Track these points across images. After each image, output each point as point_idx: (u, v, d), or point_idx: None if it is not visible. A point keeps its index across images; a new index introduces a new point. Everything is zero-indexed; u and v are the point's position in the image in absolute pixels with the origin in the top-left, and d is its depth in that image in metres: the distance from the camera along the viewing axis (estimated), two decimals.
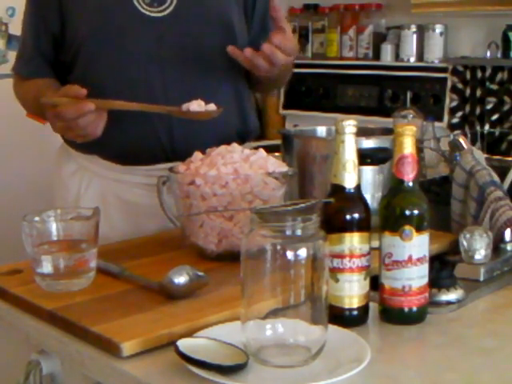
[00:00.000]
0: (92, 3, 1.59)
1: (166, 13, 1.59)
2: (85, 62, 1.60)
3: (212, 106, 1.46)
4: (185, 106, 1.45)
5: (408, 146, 1.07)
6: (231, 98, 1.66)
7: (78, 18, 1.59)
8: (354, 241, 1.07)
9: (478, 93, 3.16)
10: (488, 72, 3.12)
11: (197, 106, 1.45)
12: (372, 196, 1.35)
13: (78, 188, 1.68)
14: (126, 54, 1.58)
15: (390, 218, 1.08)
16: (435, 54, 3.31)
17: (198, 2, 1.64)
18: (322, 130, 1.61)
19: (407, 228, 1.07)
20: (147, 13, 1.58)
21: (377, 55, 3.52)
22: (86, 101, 1.39)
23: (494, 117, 3.11)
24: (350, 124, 1.07)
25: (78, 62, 1.61)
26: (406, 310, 1.09)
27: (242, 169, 1.30)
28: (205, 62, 1.63)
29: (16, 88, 1.73)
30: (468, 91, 3.19)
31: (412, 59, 3.39)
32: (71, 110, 1.39)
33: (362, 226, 1.08)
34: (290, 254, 0.94)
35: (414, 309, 1.09)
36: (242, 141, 1.67)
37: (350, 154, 1.07)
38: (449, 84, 3.25)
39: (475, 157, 1.48)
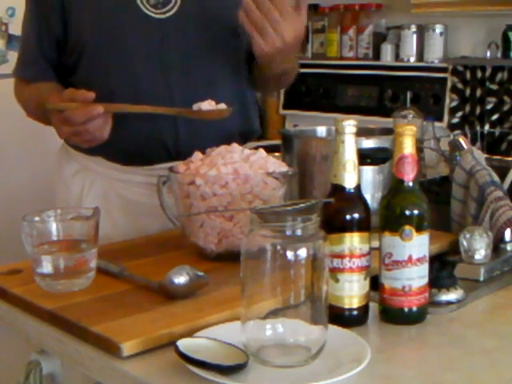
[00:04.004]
0: (95, 5, 1.59)
1: (169, 14, 1.59)
2: (88, 64, 1.60)
3: (223, 105, 1.46)
4: (196, 106, 1.45)
5: (408, 146, 1.07)
6: (235, 98, 1.66)
7: (82, 20, 1.59)
8: (354, 241, 1.07)
9: (478, 93, 3.16)
10: (488, 72, 3.12)
11: (208, 105, 1.45)
12: (372, 196, 1.35)
13: (81, 188, 1.67)
14: (130, 55, 1.58)
15: (390, 218, 1.08)
16: (435, 54, 3.31)
17: (202, 2, 1.64)
18: (322, 130, 1.61)
19: (407, 228, 1.07)
20: (151, 14, 1.58)
21: (377, 55, 3.52)
22: (94, 104, 1.38)
23: (494, 117, 3.11)
24: (350, 124, 1.07)
25: (81, 64, 1.61)
26: (406, 310, 1.09)
27: (242, 169, 1.30)
28: (209, 62, 1.63)
29: (17, 92, 1.71)
30: (468, 91, 3.19)
31: (412, 59, 3.39)
32: (80, 115, 1.38)
33: (362, 226, 1.08)
34: (289, 254, 0.94)
35: (414, 309, 1.09)
36: (244, 141, 1.67)
37: (350, 154, 1.07)
38: (449, 84, 3.25)
39: (475, 157, 1.48)
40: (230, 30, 1.64)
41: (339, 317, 1.06)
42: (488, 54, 3.13)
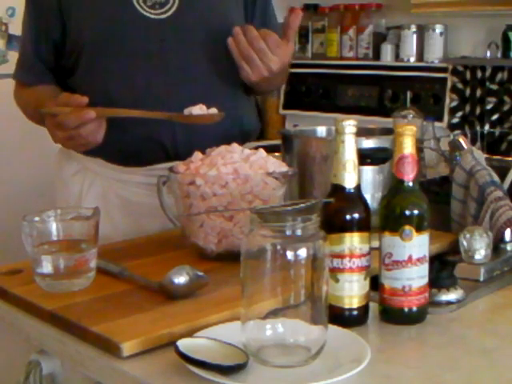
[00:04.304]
0: (93, 7, 1.59)
1: (167, 15, 1.59)
2: (87, 67, 1.60)
3: (214, 110, 1.46)
4: (187, 111, 1.45)
5: (408, 146, 1.07)
6: (233, 98, 1.66)
7: (80, 23, 1.59)
8: (354, 241, 1.07)
9: (478, 93, 3.15)
10: (488, 72, 3.12)
11: (199, 110, 1.45)
12: (372, 196, 1.35)
13: (80, 188, 1.68)
14: (129, 56, 1.58)
15: (390, 218, 1.08)
16: (435, 54, 3.31)
17: (200, 3, 1.64)
18: (322, 130, 1.61)
19: (407, 228, 1.07)
20: (149, 15, 1.58)
21: (377, 55, 3.52)
22: (87, 109, 1.39)
23: (494, 117, 3.11)
24: (350, 124, 1.07)
25: (79, 67, 1.61)
26: (406, 310, 1.09)
27: (242, 169, 1.30)
28: (207, 63, 1.63)
29: (17, 95, 1.72)
30: (468, 91, 3.19)
31: (412, 59, 3.39)
32: (73, 119, 1.39)
33: (362, 225, 1.08)
34: (289, 254, 0.94)
35: (414, 309, 1.09)
36: (243, 140, 1.67)
37: (350, 154, 1.07)
38: (449, 84, 3.25)
39: (475, 157, 1.48)
40: (228, 30, 1.65)
41: (339, 317, 1.06)
42: (488, 54, 3.12)
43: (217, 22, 1.65)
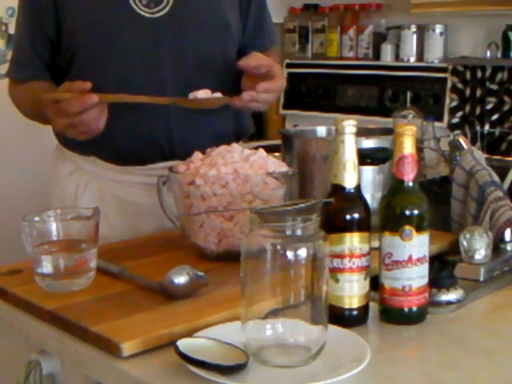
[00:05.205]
0: (88, 5, 1.59)
1: (162, 13, 1.59)
2: (82, 65, 1.60)
3: (219, 94, 1.46)
4: (192, 95, 1.45)
5: (408, 146, 1.07)
6: (228, 96, 1.65)
7: (75, 20, 1.59)
8: (354, 241, 1.07)
9: (478, 93, 3.15)
10: (488, 72, 3.12)
11: (204, 94, 1.45)
12: (372, 196, 1.35)
13: (76, 189, 1.67)
14: (124, 54, 1.58)
15: (390, 218, 1.08)
16: (435, 54, 3.31)
17: (194, 2, 1.64)
18: (322, 130, 1.61)
19: (407, 228, 1.07)
20: (144, 14, 1.58)
21: (377, 55, 3.52)
22: (89, 94, 1.39)
23: (494, 117, 3.11)
24: (350, 124, 1.07)
25: (74, 65, 1.61)
26: (406, 310, 1.09)
27: (242, 169, 1.30)
28: (202, 62, 1.63)
29: (11, 92, 1.71)
30: (468, 91, 3.19)
31: (412, 59, 3.39)
32: (75, 104, 1.38)
33: (362, 225, 1.08)
34: (290, 254, 0.94)
35: (414, 309, 1.09)
36: (237, 140, 1.67)
37: (349, 154, 1.07)
38: (449, 84, 3.25)
39: (475, 157, 1.48)
40: (223, 30, 1.65)
41: (339, 317, 1.06)
42: (488, 54, 3.12)
43: (211, 21, 1.65)
